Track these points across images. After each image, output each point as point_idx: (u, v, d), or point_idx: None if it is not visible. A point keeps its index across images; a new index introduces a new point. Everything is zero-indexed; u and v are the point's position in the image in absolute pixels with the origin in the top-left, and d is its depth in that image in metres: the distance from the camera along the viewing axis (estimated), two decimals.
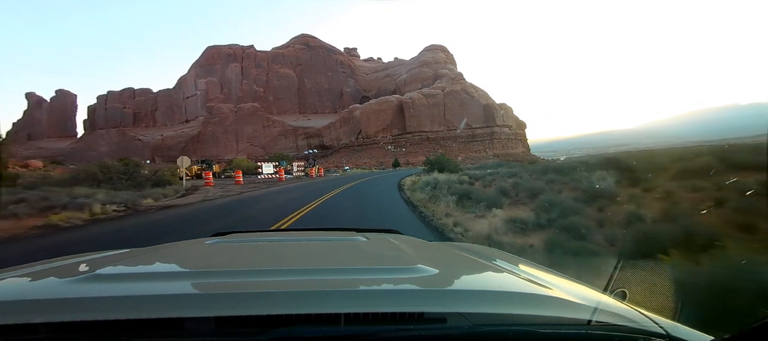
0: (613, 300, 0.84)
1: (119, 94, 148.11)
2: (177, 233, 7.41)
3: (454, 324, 0.66)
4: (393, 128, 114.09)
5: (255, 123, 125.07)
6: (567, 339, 0.68)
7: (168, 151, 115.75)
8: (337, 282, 0.85)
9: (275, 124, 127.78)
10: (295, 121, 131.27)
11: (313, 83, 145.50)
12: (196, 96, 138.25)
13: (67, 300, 0.71)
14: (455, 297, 0.74)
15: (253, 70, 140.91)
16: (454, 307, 0.68)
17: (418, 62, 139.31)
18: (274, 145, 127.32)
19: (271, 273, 0.91)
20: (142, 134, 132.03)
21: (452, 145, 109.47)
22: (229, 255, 1.22)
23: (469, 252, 1.34)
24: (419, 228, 7.36)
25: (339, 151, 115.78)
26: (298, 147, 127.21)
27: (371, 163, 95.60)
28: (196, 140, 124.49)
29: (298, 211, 10.00)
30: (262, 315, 0.64)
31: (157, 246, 1.39)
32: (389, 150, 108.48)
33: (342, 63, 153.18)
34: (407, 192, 15.88)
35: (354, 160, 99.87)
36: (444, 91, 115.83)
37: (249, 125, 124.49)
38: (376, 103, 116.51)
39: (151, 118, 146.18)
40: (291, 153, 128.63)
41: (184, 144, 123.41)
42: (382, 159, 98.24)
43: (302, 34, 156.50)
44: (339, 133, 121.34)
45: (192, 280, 0.88)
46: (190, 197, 15.36)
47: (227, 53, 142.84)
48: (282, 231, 2.48)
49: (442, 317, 0.67)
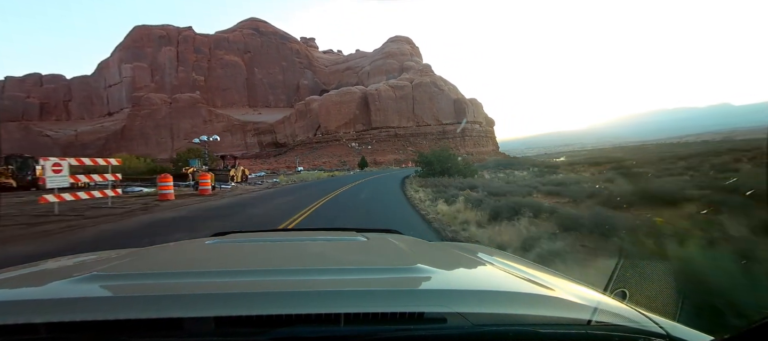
0: (613, 300, 0.85)
1: (21, 81, 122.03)
2: None
3: (454, 324, 0.66)
4: (357, 123, 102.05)
5: (194, 117, 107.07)
6: (567, 339, 0.68)
7: (83, 149, 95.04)
8: (337, 282, 0.84)
9: (219, 119, 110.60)
10: (243, 116, 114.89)
11: (265, 73, 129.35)
12: (121, 84, 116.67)
13: (67, 300, 0.71)
14: (455, 297, 0.74)
15: (191, 55, 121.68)
16: (454, 307, 0.68)
17: (382, 54, 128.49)
18: (219, 143, 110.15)
19: (271, 273, 0.90)
20: (52, 129, 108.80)
21: (423, 142, 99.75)
22: (229, 255, 1.22)
23: (469, 252, 1.33)
24: None
25: (294, 149, 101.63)
26: (248, 144, 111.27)
27: (332, 162, 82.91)
28: (119, 136, 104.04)
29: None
30: (262, 315, 0.64)
31: (157, 246, 1.38)
32: (353, 147, 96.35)
33: (298, 52, 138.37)
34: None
35: (312, 159, 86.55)
36: (412, 82, 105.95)
37: (186, 119, 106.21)
38: (337, 94, 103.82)
39: (63, 109, 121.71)
40: (239, 151, 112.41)
41: (104, 141, 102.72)
42: (345, 157, 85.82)
43: (251, 18, 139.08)
44: (294, 129, 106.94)
45: (192, 280, 0.88)
46: None
47: (159, 35, 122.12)
48: (282, 231, 2.59)
49: (442, 317, 0.67)
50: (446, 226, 6.80)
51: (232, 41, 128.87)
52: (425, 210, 9.15)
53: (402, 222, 7.55)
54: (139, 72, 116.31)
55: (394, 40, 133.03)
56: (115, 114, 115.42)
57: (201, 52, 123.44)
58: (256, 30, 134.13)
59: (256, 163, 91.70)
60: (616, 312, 0.73)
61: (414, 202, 11.03)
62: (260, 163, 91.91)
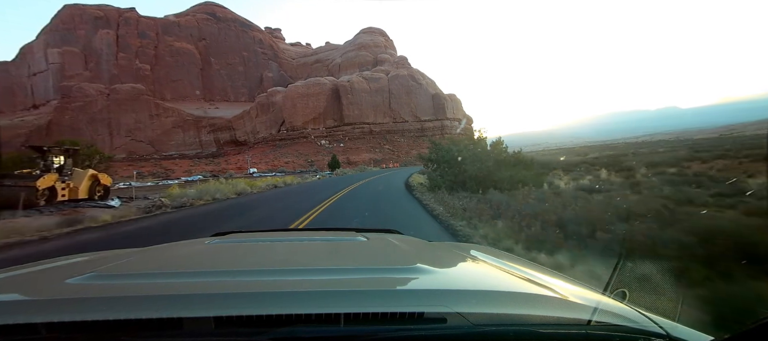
0: (612, 300, 0.84)
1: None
2: None
3: (454, 324, 0.65)
4: (327, 118, 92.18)
5: (138, 110, 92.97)
6: (567, 339, 0.68)
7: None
8: (337, 282, 0.84)
9: (169, 113, 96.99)
10: (197, 110, 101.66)
11: (223, 64, 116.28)
12: (48, 72, 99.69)
13: (67, 300, 0.71)
14: (455, 297, 0.73)
15: (134, 40, 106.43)
16: (454, 307, 0.67)
17: (354, 45, 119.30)
18: (167, 140, 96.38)
19: (271, 273, 0.90)
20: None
21: (400, 140, 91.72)
22: (229, 255, 1.21)
23: (469, 252, 1.32)
24: None
25: (255, 147, 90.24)
26: (202, 142, 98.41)
27: (297, 162, 72.65)
28: (45, 132, 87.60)
29: None
30: (262, 315, 0.63)
31: (157, 246, 1.38)
32: (322, 145, 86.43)
33: (262, 42, 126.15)
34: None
35: (274, 159, 75.78)
36: (388, 75, 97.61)
37: (129, 113, 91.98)
38: (304, 85, 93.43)
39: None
40: (192, 150, 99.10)
41: (24, 137, 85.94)
42: (314, 156, 75.71)
43: (207, 2, 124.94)
44: (255, 124, 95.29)
45: (192, 280, 0.87)
46: None
47: (95, 15, 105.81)
48: (282, 231, 2.42)
49: (442, 317, 0.66)
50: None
51: (184, 26, 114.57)
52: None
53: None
54: (70, 58, 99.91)
55: (368, 32, 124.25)
56: (41, 106, 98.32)
57: (147, 36, 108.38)
58: (213, 15, 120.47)
59: (198, 164, 79.22)
60: (616, 312, 0.73)
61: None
62: (205, 163, 79.60)
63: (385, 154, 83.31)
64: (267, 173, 49.98)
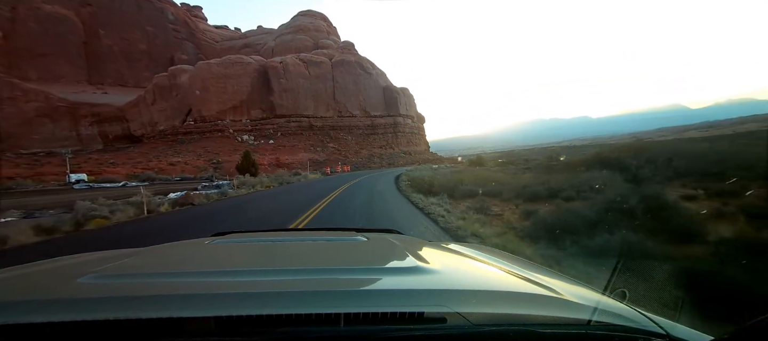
0: (612, 300, 0.84)
1: None
2: None
3: (454, 324, 0.65)
4: (252, 108, 73.94)
5: None
6: (567, 339, 0.68)
7: None
8: (336, 282, 0.84)
9: (30, 96, 71.23)
10: (76, 95, 76.56)
11: (118, 39, 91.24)
12: None
13: (67, 300, 0.71)
14: (455, 297, 0.73)
15: None
16: (454, 307, 0.67)
17: (291, 28, 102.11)
18: (30, 132, 70.24)
19: (271, 273, 0.90)
20: None
21: (347, 138, 76.95)
22: (229, 255, 1.21)
23: (469, 252, 1.32)
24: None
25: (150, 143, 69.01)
26: (81, 136, 73.95)
27: (196, 163, 53.66)
28: None
29: None
30: (262, 315, 0.63)
31: (157, 246, 1.38)
32: (244, 141, 67.92)
33: (175, 18, 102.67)
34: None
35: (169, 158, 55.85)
36: (332, 60, 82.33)
37: None
38: (219, 64, 74.00)
39: None
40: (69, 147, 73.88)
41: None
42: (228, 156, 56.73)
43: None
44: (152, 114, 73.37)
45: (192, 280, 0.87)
46: None
47: None
48: (282, 231, 2.40)
49: (442, 317, 0.66)
50: None
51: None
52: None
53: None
54: None
55: (307, 15, 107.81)
56: None
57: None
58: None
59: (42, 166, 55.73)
60: (616, 312, 0.73)
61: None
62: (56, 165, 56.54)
63: (329, 153, 67.98)
64: (112, 184, 30.70)
